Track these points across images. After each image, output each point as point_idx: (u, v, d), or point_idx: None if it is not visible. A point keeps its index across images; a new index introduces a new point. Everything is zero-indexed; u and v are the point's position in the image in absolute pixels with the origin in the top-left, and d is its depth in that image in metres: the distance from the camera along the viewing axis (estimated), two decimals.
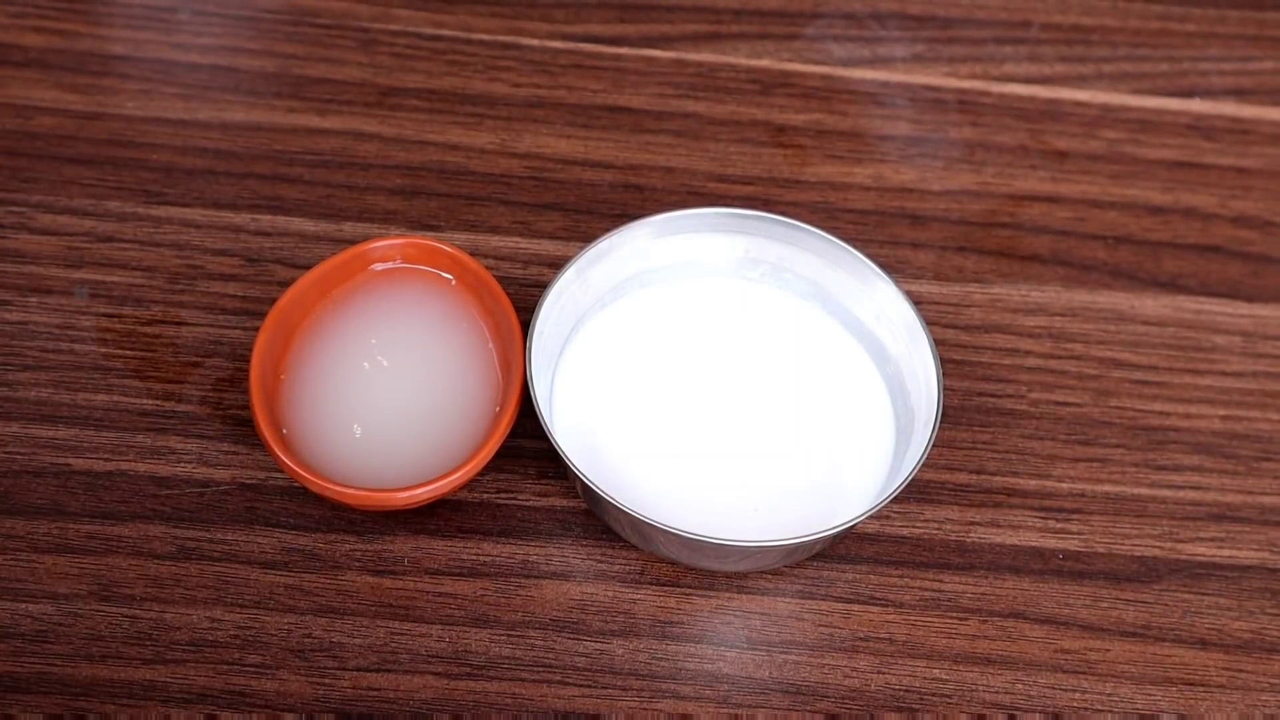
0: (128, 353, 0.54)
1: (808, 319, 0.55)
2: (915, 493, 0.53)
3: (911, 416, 0.51)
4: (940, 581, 0.52)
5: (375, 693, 0.48)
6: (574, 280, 0.52)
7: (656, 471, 0.51)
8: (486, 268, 0.53)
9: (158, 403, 0.53)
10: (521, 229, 0.59)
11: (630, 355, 0.54)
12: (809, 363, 0.54)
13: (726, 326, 0.55)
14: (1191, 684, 0.51)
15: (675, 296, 0.55)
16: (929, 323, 0.52)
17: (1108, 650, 0.51)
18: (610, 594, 0.50)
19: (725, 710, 0.49)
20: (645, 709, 0.49)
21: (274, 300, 0.51)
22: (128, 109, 0.60)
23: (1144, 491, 0.55)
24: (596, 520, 0.52)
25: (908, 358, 0.52)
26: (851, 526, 0.48)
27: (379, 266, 0.53)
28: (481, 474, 0.50)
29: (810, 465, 0.52)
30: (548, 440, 0.48)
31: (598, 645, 0.50)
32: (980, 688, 0.50)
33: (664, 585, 0.51)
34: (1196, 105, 0.66)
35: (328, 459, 0.50)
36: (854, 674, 0.50)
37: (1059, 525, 0.53)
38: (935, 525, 0.53)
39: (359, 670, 0.48)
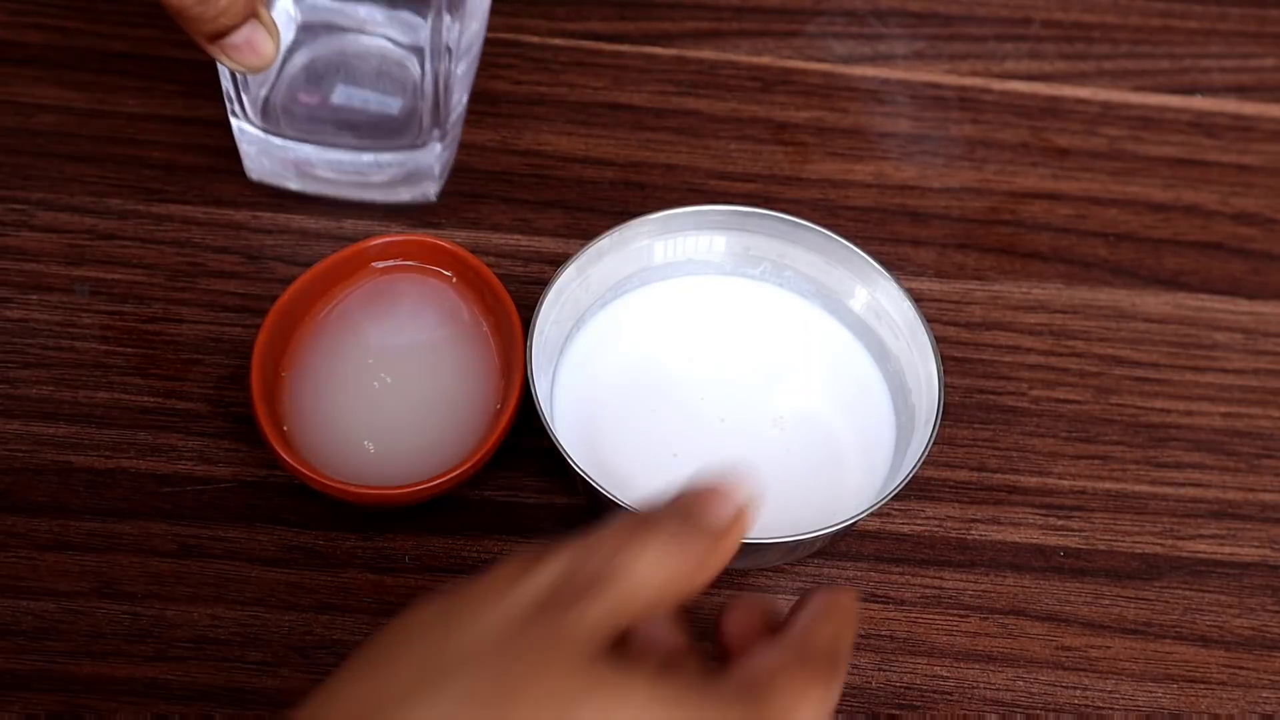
0: (129, 350, 0.54)
1: (808, 316, 0.55)
2: (916, 490, 0.53)
3: (912, 414, 0.51)
4: (941, 579, 0.52)
5: None
6: (574, 278, 0.52)
7: (657, 469, 0.51)
8: (487, 265, 0.53)
9: (159, 400, 0.53)
10: (522, 226, 0.59)
11: (631, 353, 0.54)
12: (809, 360, 0.54)
13: (727, 324, 0.55)
14: (1192, 681, 0.51)
15: (676, 294, 0.55)
16: (930, 320, 0.52)
17: (1109, 647, 0.51)
18: None
19: None
20: None
21: (275, 298, 0.51)
22: (129, 106, 0.60)
23: (1145, 489, 0.55)
24: (598, 518, 0.52)
25: (908, 355, 0.52)
26: (852, 524, 0.48)
27: (380, 264, 0.53)
28: (482, 471, 0.50)
29: (811, 463, 0.51)
30: (548, 438, 0.48)
31: None
32: (981, 685, 0.50)
33: None
34: (1198, 102, 0.66)
35: (329, 456, 0.50)
36: (855, 671, 0.50)
37: (1060, 522, 0.53)
38: (936, 523, 0.53)
39: None
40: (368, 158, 0.55)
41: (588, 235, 0.58)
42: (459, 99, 0.55)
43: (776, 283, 0.55)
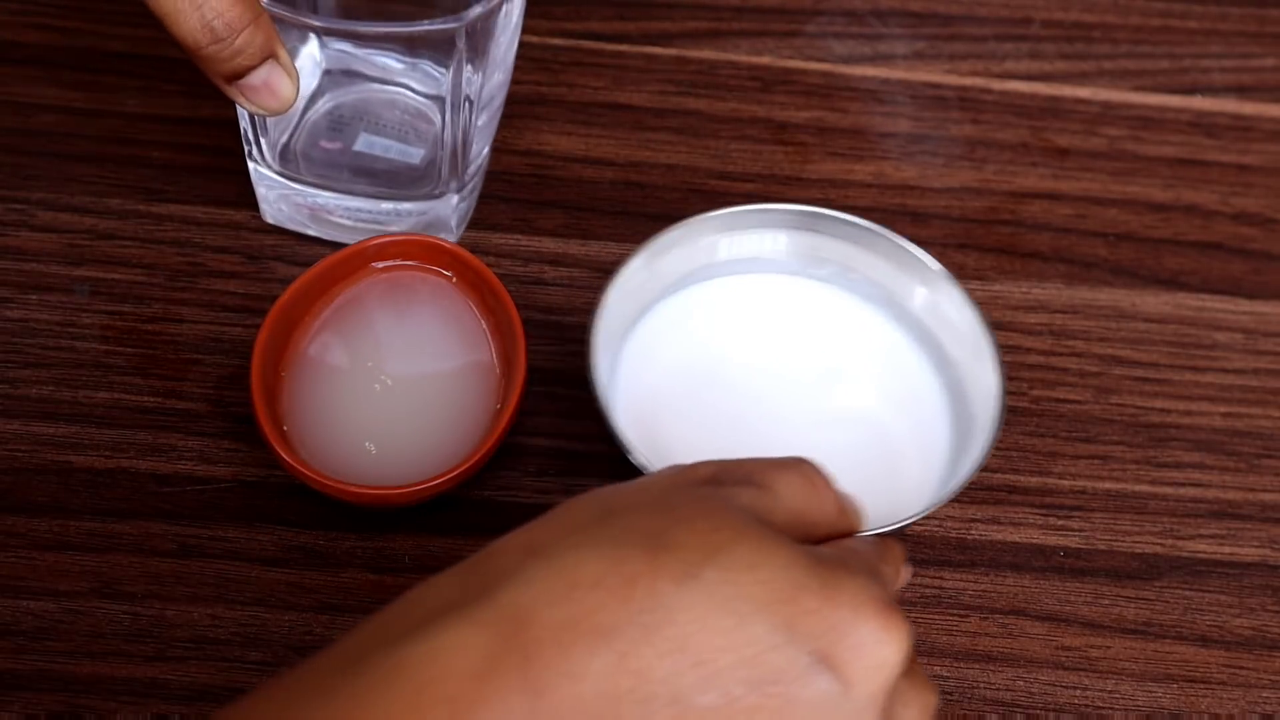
0: (129, 350, 0.54)
1: (871, 319, 0.54)
2: None
3: (971, 421, 0.51)
4: (941, 579, 0.52)
5: None
6: (641, 268, 0.51)
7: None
8: (487, 265, 0.53)
9: (159, 400, 0.53)
10: (522, 226, 0.59)
11: (692, 347, 0.53)
12: (869, 362, 0.53)
13: (790, 323, 0.54)
14: (1192, 681, 0.51)
15: (740, 290, 0.54)
16: None
17: (1109, 647, 0.51)
18: None
19: None
20: None
21: (275, 298, 0.51)
22: (128, 106, 0.60)
23: (1145, 489, 0.55)
24: None
25: (970, 363, 0.51)
26: (907, 525, 0.47)
27: (379, 264, 0.53)
28: (482, 471, 0.50)
29: (867, 464, 0.51)
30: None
31: None
32: (981, 685, 0.50)
33: None
34: (1198, 102, 0.66)
35: (328, 456, 0.50)
36: None
37: (1060, 522, 0.53)
38: (936, 522, 0.53)
39: None
40: (386, 206, 0.55)
41: (588, 235, 0.58)
42: (479, 150, 0.55)
43: (841, 285, 0.55)
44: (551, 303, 0.57)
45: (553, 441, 0.53)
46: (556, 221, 0.59)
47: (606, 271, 0.57)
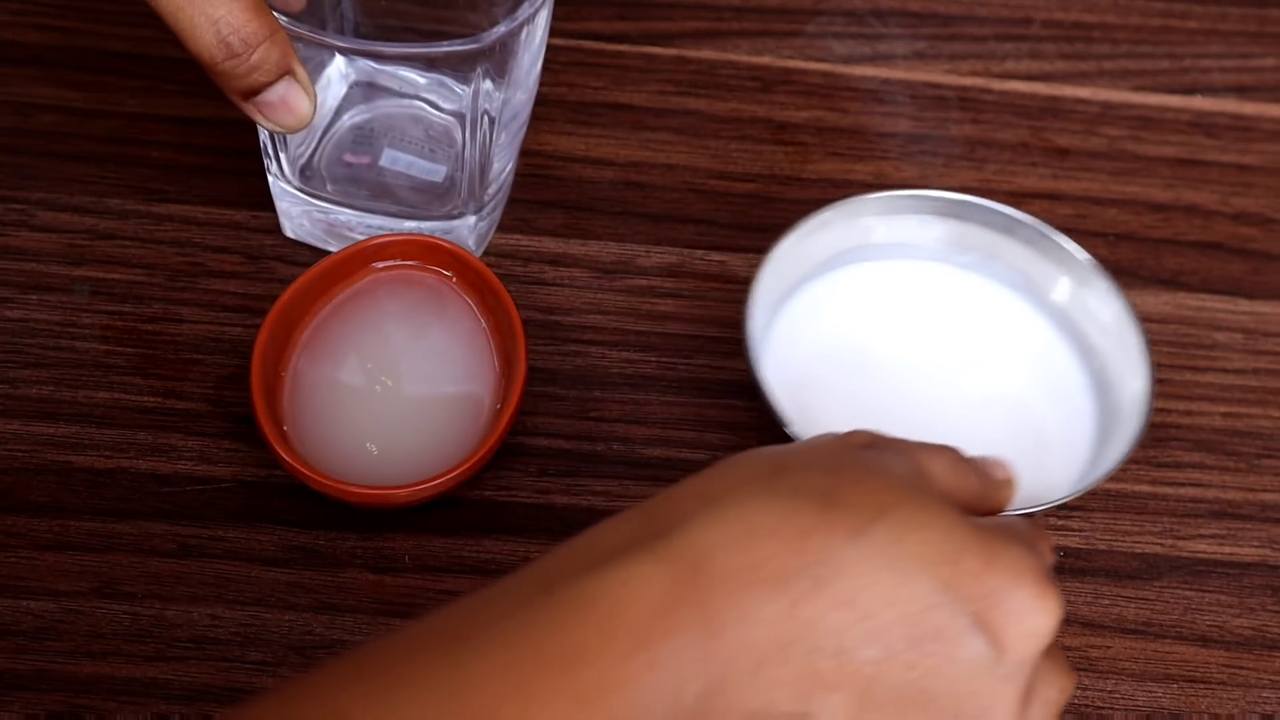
0: (129, 350, 0.54)
1: (1015, 307, 0.55)
2: None
3: (1114, 413, 0.51)
4: None
5: None
6: (790, 249, 0.52)
7: None
8: (487, 265, 0.53)
9: (159, 400, 0.53)
10: (522, 226, 0.59)
11: (836, 330, 0.54)
12: (1014, 350, 0.54)
13: (933, 308, 0.55)
14: (1193, 681, 0.51)
15: (883, 275, 0.55)
16: None
17: (1109, 647, 0.51)
18: None
19: None
20: None
21: (275, 298, 0.51)
22: (129, 106, 0.60)
23: (1145, 489, 0.55)
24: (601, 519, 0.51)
25: (1114, 354, 0.52)
26: (1051, 507, 0.47)
27: (380, 264, 0.53)
28: (482, 471, 0.50)
29: (1010, 451, 0.49)
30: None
31: None
32: None
33: None
34: (1198, 102, 0.66)
35: (328, 456, 0.50)
36: None
37: (1060, 522, 0.53)
38: None
39: None
40: (409, 225, 0.55)
41: (588, 235, 0.58)
42: (500, 170, 0.55)
43: (984, 272, 0.55)
44: (551, 303, 0.57)
45: (553, 441, 0.53)
46: (556, 221, 0.59)
47: (607, 271, 0.58)
